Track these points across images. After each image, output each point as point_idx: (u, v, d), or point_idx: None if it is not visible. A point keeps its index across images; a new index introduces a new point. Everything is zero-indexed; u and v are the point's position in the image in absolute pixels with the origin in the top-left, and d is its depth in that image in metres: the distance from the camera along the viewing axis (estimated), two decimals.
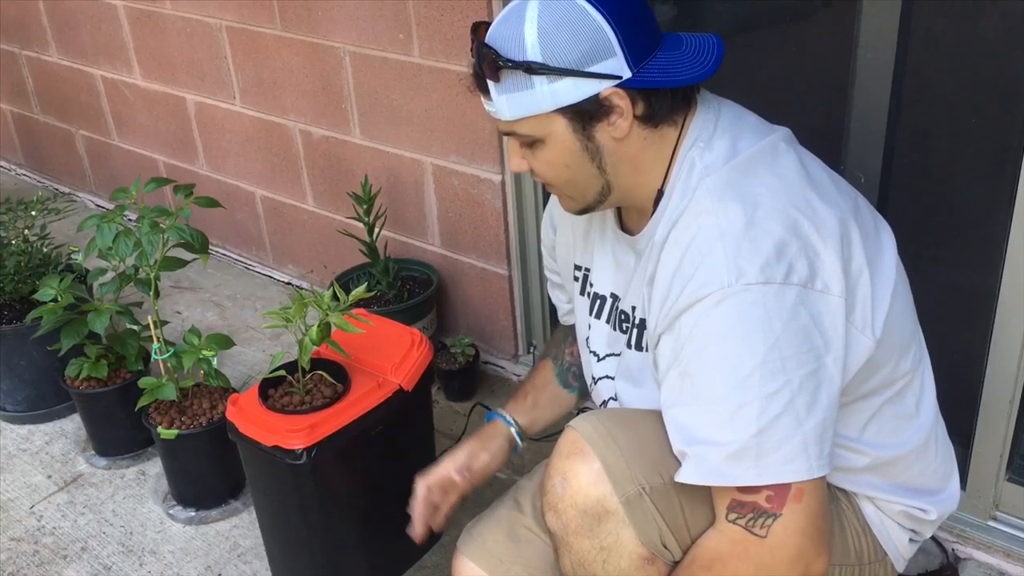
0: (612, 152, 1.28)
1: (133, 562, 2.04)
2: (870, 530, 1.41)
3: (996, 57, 1.69)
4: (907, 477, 1.39)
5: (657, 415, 1.29)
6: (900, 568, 1.46)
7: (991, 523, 1.86)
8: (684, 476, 1.21)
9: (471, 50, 1.27)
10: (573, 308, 1.62)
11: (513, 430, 1.65)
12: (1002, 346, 1.71)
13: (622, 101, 1.23)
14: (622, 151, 1.28)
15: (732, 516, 1.21)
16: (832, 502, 1.38)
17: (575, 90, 1.22)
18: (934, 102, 1.79)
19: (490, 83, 1.25)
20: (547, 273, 1.71)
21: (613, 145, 1.27)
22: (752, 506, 1.19)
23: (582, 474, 1.26)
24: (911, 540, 1.45)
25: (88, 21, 3.20)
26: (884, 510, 1.41)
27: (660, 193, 1.30)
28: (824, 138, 1.88)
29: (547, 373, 1.73)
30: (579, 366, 1.67)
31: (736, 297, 1.16)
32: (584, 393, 1.48)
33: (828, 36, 1.88)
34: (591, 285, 1.52)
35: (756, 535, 1.19)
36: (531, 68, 1.21)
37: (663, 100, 1.26)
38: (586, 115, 1.24)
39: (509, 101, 1.25)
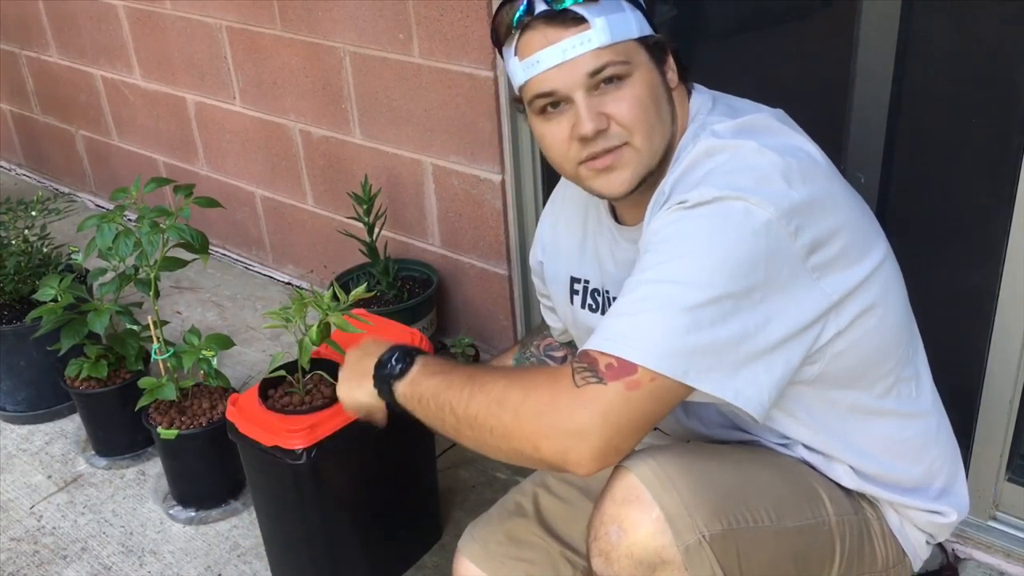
0: (670, 100, 1.30)
1: (133, 562, 2.04)
2: (893, 535, 1.41)
3: (996, 57, 1.69)
4: (914, 476, 1.39)
5: (712, 450, 1.27)
6: (916, 568, 1.47)
7: (991, 523, 1.86)
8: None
9: None
10: (566, 329, 1.62)
11: None
12: (1002, 346, 1.71)
13: (669, 47, 1.29)
14: (673, 101, 1.30)
15: (577, 361, 1.17)
16: (858, 512, 1.38)
17: (647, 26, 1.27)
18: (934, 102, 1.79)
19: (585, 8, 1.22)
20: (539, 297, 1.70)
21: (670, 93, 1.30)
22: (594, 363, 1.14)
23: (641, 524, 1.19)
24: (927, 542, 1.45)
25: (88, 21, 3.20)
26: (904, 516, 1.41)
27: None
28: (824, 138, 1.87)
29: (509, 354, 1.79)
30: (540, 358, 1.70)
31: (727, 203, 1.15)
32: None
33: (828, 36, 1.88)
34: (604, 293, 1.49)
35: (575, 382, 1.14)
36: None
37: (681, 64, 1.32)
38: (658, 50, 1.28)
39: (608, 23, 1.23)
